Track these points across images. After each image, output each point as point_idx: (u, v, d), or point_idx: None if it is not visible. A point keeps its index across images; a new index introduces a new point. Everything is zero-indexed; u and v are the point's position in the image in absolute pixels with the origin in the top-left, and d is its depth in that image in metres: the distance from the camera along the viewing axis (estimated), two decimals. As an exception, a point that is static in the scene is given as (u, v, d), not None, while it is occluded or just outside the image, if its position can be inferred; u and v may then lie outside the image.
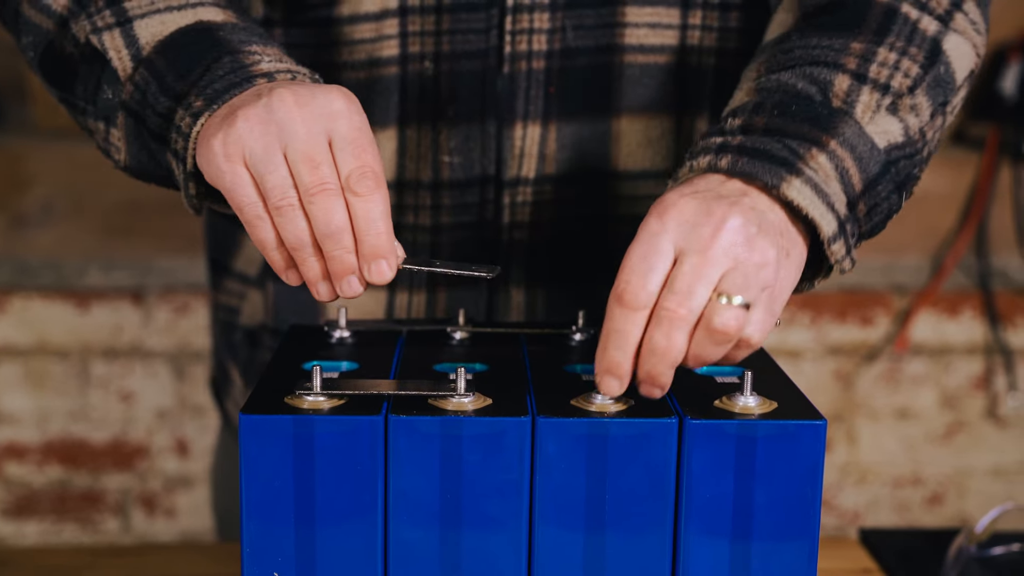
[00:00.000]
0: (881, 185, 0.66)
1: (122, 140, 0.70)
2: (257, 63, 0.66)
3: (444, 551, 0.59)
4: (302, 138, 0.60)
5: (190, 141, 0.65)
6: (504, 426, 0.58)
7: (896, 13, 0.70)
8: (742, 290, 0.58)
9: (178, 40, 0.68)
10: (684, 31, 0.79)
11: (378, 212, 0.60)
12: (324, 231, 0.60)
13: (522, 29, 0.77)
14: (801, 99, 0.66)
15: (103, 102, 0.70)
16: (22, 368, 1.55)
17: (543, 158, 0.79)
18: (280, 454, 0.58)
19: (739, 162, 0.62)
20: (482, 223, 0.80)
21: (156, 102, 0.67)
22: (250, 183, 0.61)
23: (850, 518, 1.72)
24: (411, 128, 0.79)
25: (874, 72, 0.67)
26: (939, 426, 1.71)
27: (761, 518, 0.59)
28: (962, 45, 0.71)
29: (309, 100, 0.61)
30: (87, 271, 1.51)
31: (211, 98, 0.65)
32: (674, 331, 0.57)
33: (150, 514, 1.60)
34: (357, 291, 0.61)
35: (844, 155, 0.64)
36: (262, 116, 0.61)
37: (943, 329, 1.67)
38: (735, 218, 0.59)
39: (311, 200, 0.60)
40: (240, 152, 0.61)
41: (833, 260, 0.64)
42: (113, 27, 0.69)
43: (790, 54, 0.69)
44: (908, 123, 0.67)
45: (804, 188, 0.62)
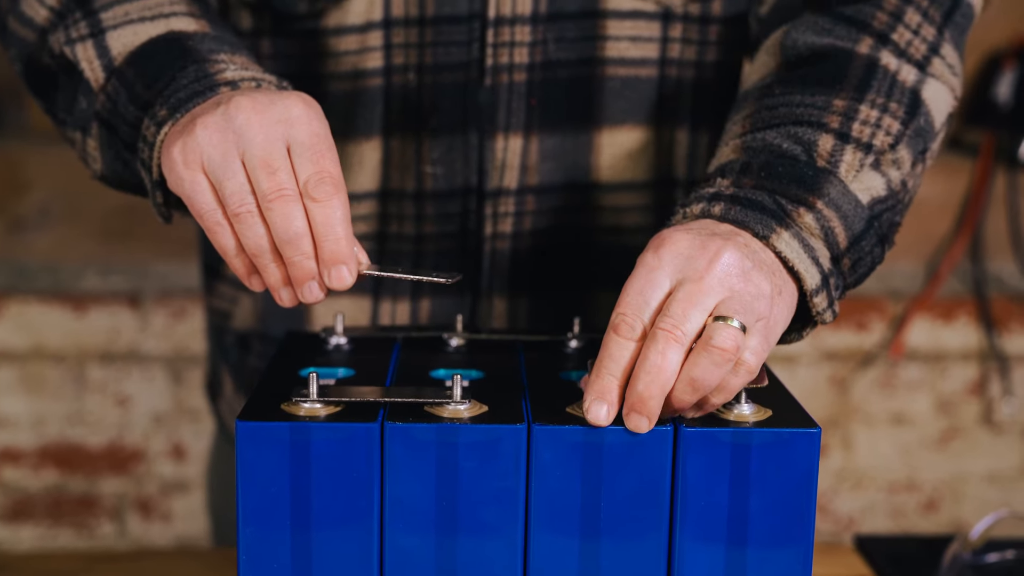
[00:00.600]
0: (865, 240, 0.67)
1: (97, 150, 0.71)
2: (222, 71, 0.67)
3: (440, 558, 0.59)
4: (259, 144, 0.60)
5: (155, 150, 0.65)
6: (500, 433, 0.58)
7: (876, 66, 0.71)
8: (739, 314, 0.58)
9: (148, 50, 0.69)
10: (664, 44, 0.79)
11: (337, 217, 0.60)
12: (283, 237, 0.60)
13: (504, 42, 0.77)
14: (787, 159, 0.67)
15: (79, 112, 0.71)
16: (19, 372, 1.55)
17: (525, 169, 0.80)
18: (276, 461, 0.58)
19: (732, 210, 0.64)
20: (464, 233, 0.80)
21: (126, 111, 0.68)
22: (208, 190, 0.61)
23: (845, 524, 1.72)
24: (395, 139, 0.79)
25: (856, 131, 0.68)
26: (934, 432, 1.71)
27: (756, 525, 0.59)
28: (940, 91, 0.72)
29: (267, 106, 0.61)
30: (84, 275, 1.51)
31: (174, 107, 0.65)
32: (668, 349, 0.57)
33: (146, 519, 1.60)
34: (318, 297, 0.62)
35: (830, 215, 0.65)
36: (220, 123, 0.61)
37: (938, 335, 1.68)
38: (730, 252, 0.60)
39: (269, 206, 0.60)
40: (198, 159, 0.61)
41: (814, 311, 0.64)
42: (86, 38, 0.70)
43: (774, 111, 0.70)
44: (891, 177, 0.68)
45: (792, 241, 0.63)
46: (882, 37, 0.72)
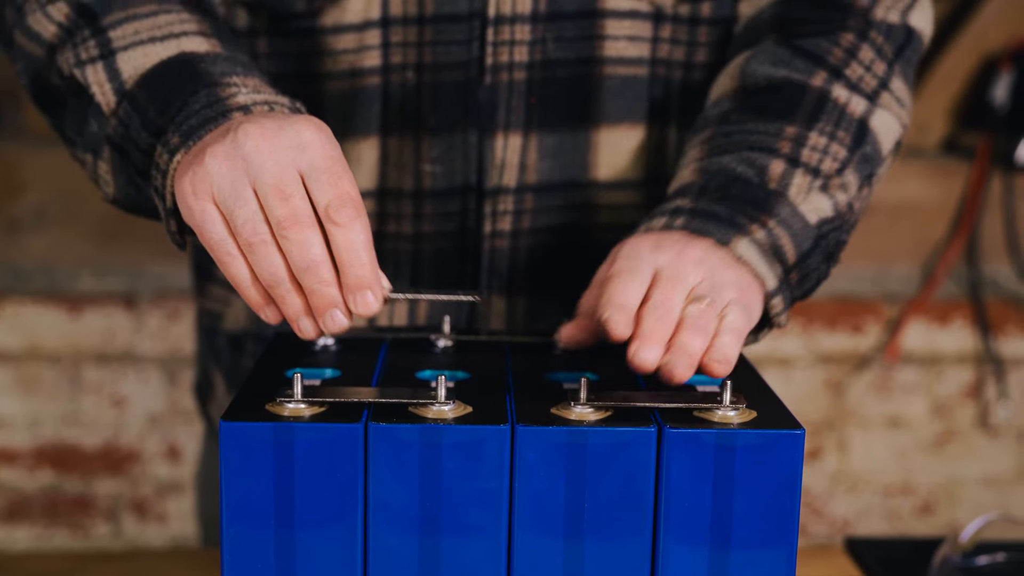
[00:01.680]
0: (812, 258, 0.71)
1: (109, 173, 0.70)
2: (234, 95, 0.65)
3: (424, 559, 0.59)
4: (270, 171, 0.59)
5: (167, 178, 0.64)
6: (484, 434, 0.58)
7: (827, 99, 0.75)
8: (716, 293, 0.64)
9: (160, 73, 0.67)
10: (655, 44, 0.80)
11: (360, 241, 0.59)
12: (301, 265, 0.59)
13: (504, 41, 0.77)
14: (740, 182, 0.71)
15: (89, 135, 0.70)
16: (14, 373, 1.55)
17: (524, 168, 0.80)
18: (260, 461, 0.58)
19: (693, 222, 0.69)
20: (463, 232, 0.81)
21: (138, 137, 0.66)
22: (219, 220, 0.60)
23: (840, 527, 1.72)
24: (393, 137, 0.79)
25: (806, 156, 0.73)
26: (930, 435, 1.71)
27: (740, 527, 0.60)
28: (888, 120, 0.77)
29: (276, 132, 0.60)
30: (80, 276, 1.51)
31: (187, 134, 0.64)
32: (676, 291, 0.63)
33: (141, 519, 1.60)
34: (343, 325, 0.60)
35: (781, 232, 0.70)
36: (229, 151, 0.59)
37: (934, 338, 1.68)
38: (698, 244, 0.66)
39: (284, 234, 0.58)
40: (208, 189, 0.60)
41: (772, 312, 0.69)
42: (96, 60, 0.69)
43: (730, 138, 0.74)
44: (837, 199, 0.73)
45: (751, 247, 0.69)
46: (836, 71, 0.77)
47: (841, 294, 1.64)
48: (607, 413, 0.60)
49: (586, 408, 0.60)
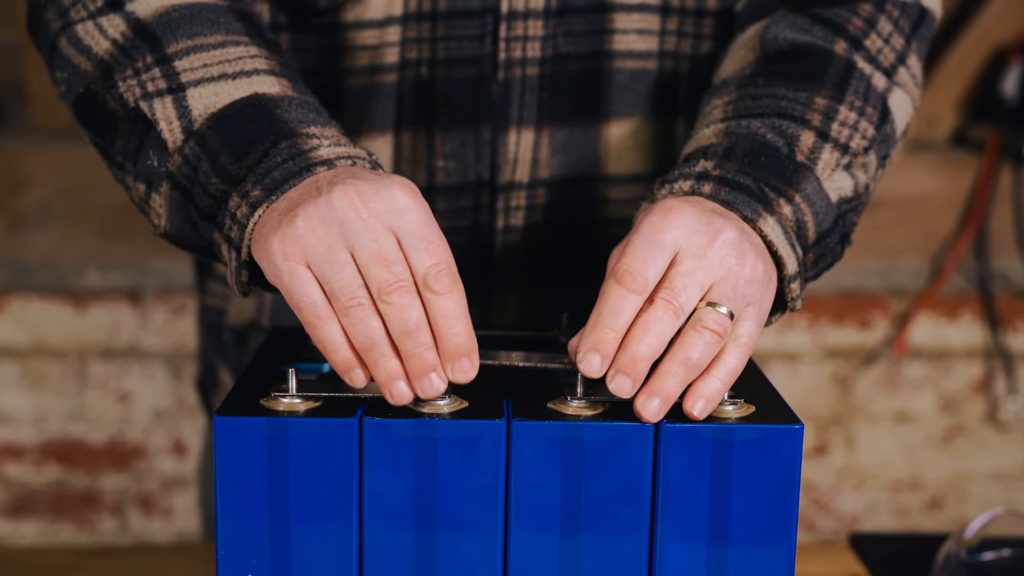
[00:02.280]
0: (830, 237, 0.69)
1: (164, 208, 0.68)
2: (316, 148, 0.64)
3: (419, 554, 0.59)
4: (369, 237, 0.58)
5: (246, 232, 0.62)
6: (479, 429, 0.58)
7: (853, 68, 0.73)
8: (730, 301, 0.60)
9: (232, 116, 0.65)
10: (662, 37, 0.80)
11: (458, 310, 0.58)
12: (402, 329, 0.58)
13: (516, 36, 0.77)
14: (769, 150, 0.68)
15: (145, 167, 0.68)
16: (20, 368, 1.56)
17: (536, 163, 0.80)
18: (254, 456, 0.58)
19: (721, 191, 0.65)
20: (476, 227, 0.81)
21: (207, 182, 0.64)
22: (311, 283, 0.58)
23: (848, 522, 1.71)
24: (407, 133, 0.79)
25: (835, 131, 0.70)
26: (938, 430, 1.70)
27: (738, 522, 0.59)
28: (903, 101, 0.75)
29: (372, 196, 0.59)
30: (85, 272, 1.51)
31: (270, 188, 0.62)
32: (667, 315, 0.58)
33: (147, 514, 1.61)
34: (439, 389, 0.58)
35: (805, 209, 0.67)
36: (323, 214, 0.58)
37: (942, 332, 1.67)
38: (731, 231, 0.61)
39: (387, 299, 0.57)
40: (301, 253, 0.58)
41: (789, 297, 0.66)
42: (165, 94, 0.67)
43: (758, 101, 0.71)
44: (858, 179, 0.71)
45: (776, 227, 0.65)
46: (856, 42, 0.74)
47: (848, 288, 1.63)
48: (604, 408, 0.60)
49: (582, 403, 0.60)
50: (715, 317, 0.59)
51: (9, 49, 1.57)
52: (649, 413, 0.58)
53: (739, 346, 0.60)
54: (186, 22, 0.69)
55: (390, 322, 0.58)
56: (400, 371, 0.58)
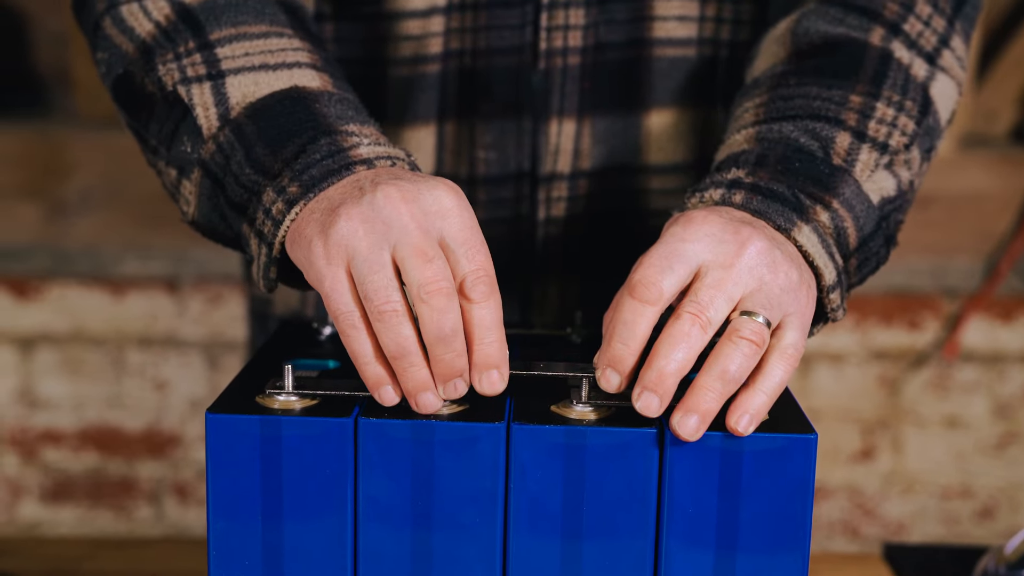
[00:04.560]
0: (873, 241, 0.66)
1: (193, 195, 0.67)
2: (355, 146, 0.62)
3: (416, 557, 0.57)
4: (413, 235, 0.56)
5: (281, 228, 0.61)
6: (477, 432, 0.56)
7: (890, 59, 0.70)
8: (765, 310, 0.57)
9: (271, 107, 0.64)
10: (701, 23, 0.79)
11: (493, 320, 0.57)
12: (437, 334, 0.56)
13: (557, 25, 0.77)
14: (804, 155, 0.66)
15: (179, 152, 0.67)
16: (60, 355, 1.57)
17: (578, 153, 0.79)
18: (247, 455, 0.57)
19: (753, 200, 0.62)
20: (517, 218, 0.80)
21: (240, 171, 0.63)
22: (349, 290, 0.57)
23: (894, 529, 1.66)
24: (449, 123, 0.79)
25: (873, 130, 0.67)
26: (991, 436, 1.65)
27: (747, 534, 0.56)
28: (947, 87, 0.72)
29: (416, 196, 0.57)
30: (124, 260, 1.52)
31: (307, 185, 0.60)
32: (694, 329, 0.56)
33: (183, 502, 1.62)
34: (462, 394, 0.57)
35: (844, 215, 0.64)
36: (367, 214, 0.57)
37: (996, 335, 1.61)
38: (760, 240, 0.59)
39: (425, 298, 0.55)
40: (343, 254, 0.56)
41: (829, 308, 0.63)
42: (204, 79, 0.66)
43: (790, 102, 0.68)
44: (901, 177, 0.68)
45: (812, 235, 0.62)
46: (893, 27, 0.71)
47: (897, 288, 1.58)
48: (609, 412, 0.58)
49: (587, 407, 0.58)
50: (752, 327, 0.56)
51: (55, 37, 1.59)
52: (687, 432, 0.55)
53: (785, 358, 0.57)
54: (231, 10, 0.68)
55: (425, 325, 0.56)
56: (430, 382, 0.57)
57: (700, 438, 0.55)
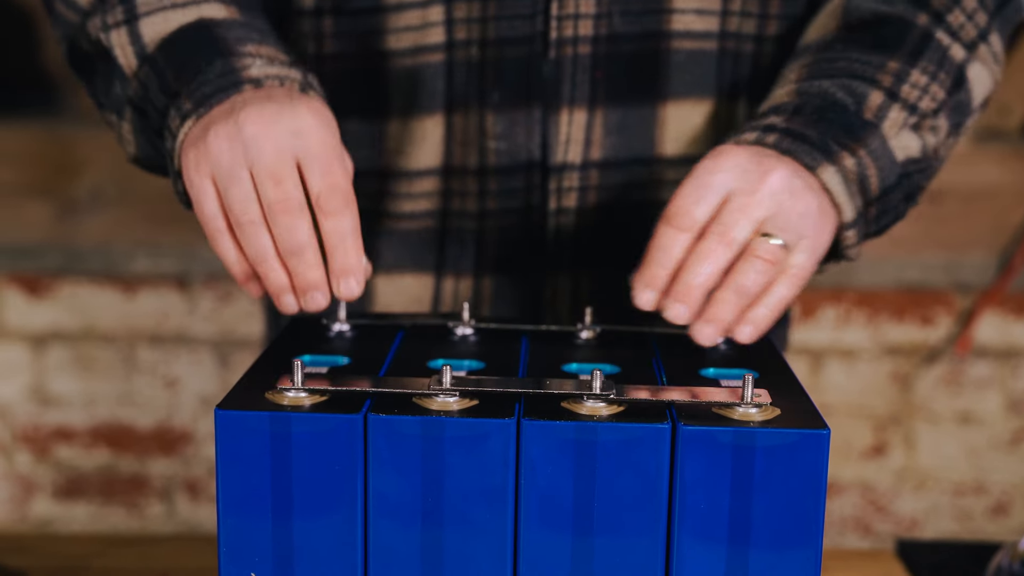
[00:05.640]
0: (893, 194, 0.72)
1: (131, 133, 0.73)
2: (247, 67, 0.68)
3: (426, 554, 0.57)
4: (267, 154, 0.62)
5: (177, 141, 0.67)
6: (487, 428, 0.56)
7: (931, 38, 0.75)
8: (783, 233, 0.64)
9: (178, 38, 0.70)
10: (724, 17, 0.79)
11: (347, 229, 0.62)
12: (287, 248, 0.62)
13: (568, 14, 0.77)
14: (838, 107, 0.71)
15: (114, 96, 0.73)
16: (71, 352, 1.57)
17: (589, 143, 0.79)
18: (257, 451, 0.57)
19: (784, 141, 0.68)
20: (528, 209, 0.80)
21: (156, 99, 0.70)
22: (214, 198, 0.63)
23: (907, 526, 1.66)
24: (458, 114, 0.79)
25: (905, 92, 0.72)
26: (1004, 432, 1.64)
27: (760, 531, 0.56)
28: (982, 73, 0.77)
29: (277, 118, 0.63)
30: (135, 257, 1.52)
31: (199, 101, 0.66)
32: (719, 247, 0.63)
33: (194, 499, 1.62)
34: (321, 305, 0.63)
35: (869, 163, 0.70)
36: (231, 132, 0.63)
37: (1010, 331, 1.60)
38: (783, 169, 0.65)
39: (274, 218, 0.61)
40: (208, 167, 0.63)
41: (844, 244, 0.69)
42: (121, 24, 0.72)
43: (833, 64, 0.74)
44: (926, 141, 0.73)
45: (836, 175, 0.68)
46: (938, 16, 0.76)
47: (910, 283, 1.57)
48: (621, 408, 0.57)
49: (599, 402, 0.57)
50: (767, 247, 0.63)
51: (64, 35, 1.59)
52: (703, 337, 0.63)
53: (789, 276, 0.64)
54: None
55: (278, 240, 0.62)
56: (287, 284, 0.63)
57: (711, 433, 0.55)
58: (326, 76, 0.80)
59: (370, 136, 0.80)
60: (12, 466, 1.61)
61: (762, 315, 0.64)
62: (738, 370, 0.64)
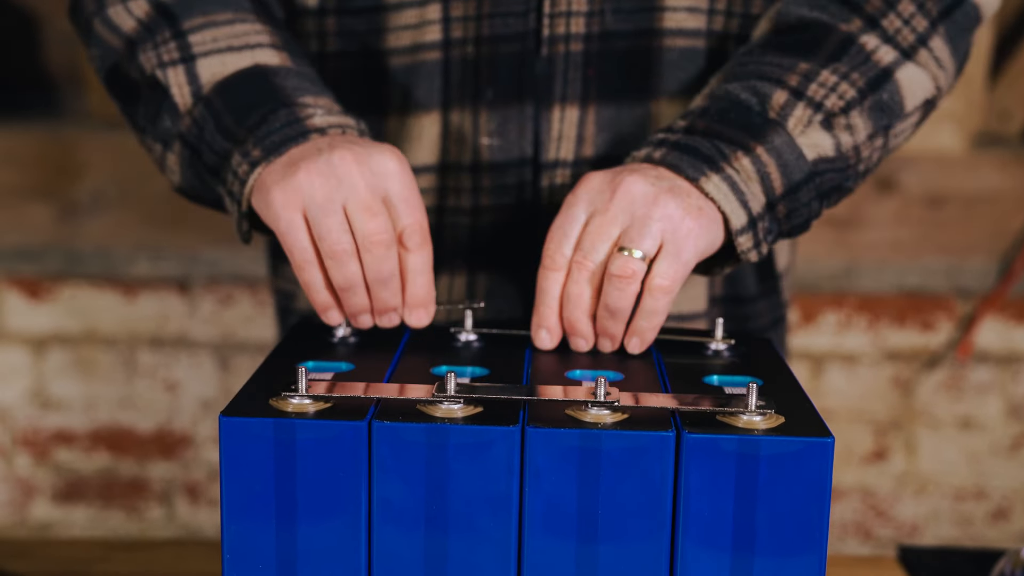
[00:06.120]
0: (803, 192, 0.72)
1: (177, 165, 0.76)
2: (310, 117, 0.72)
3: (430, 562, 0.57)
4: (362, 191, 0.67)
5: (246, 187, 0.70)
6: (492, 435, 0.56)
7: (852, 43, 0.75)
8: (637, 242, 0.66)
9: (236, 82, 0.73)
10: (711, 16, 0.80)
11: (424, 266, 0.69)
12: (376, 277, 0.67)
13: (560, 12, 0.78)
14: (741, 108, 0.73)
15: (162, 128, 0.76)
16: (72, 355, 1.57)
17: (581, 140, 0.79)
18: (261, 458, 0.57)
19: (669, 155, 0.70)
20: (521, 205, 0.81)
21: (213, 140, 0.72)
22: (304, 230, 0.67)
23: (907, 531, 1.66)
24: (454, 111, 0.80)
25: (811, 91, 0.73)
26: (1005, 437, 1.64)
27: (764, 539, 0.56)
28: (919, 77, 0.76)
29: (366, 159, 0.67)
30: (135, 260, 1.52)
31: (269, 149, 0.70)
32: (581, 280, 0.67)
33: (194, 503, 1.61)
34: (395, 323, 0.70)
35: (768, 160, 0.71)
36: (323, 170, 0.67)
37: (1011, 336, 1.60)
38: (633, 179, 0.67)
39: (369, 247, 0.67)
40: (299, 201, 0.67)
41: (739, 250, 0.71)
42: (177, 63, 0.75)
43: (745, 67, 0.75)
44: (841, 140, 0.73)
45: (721, 184, 0.69)
46: (871, 21, 0.76)
47: (911, 288, 1.57)
48: (625, 416, 0.57)
49: (603, 410, 0.57)
50: (619, 263, 0.66)
51: (66, 38, 1.59)
52: (608, 350, 0.69)
53: (653, 288, 0.67)
54: (201, 2, 0.76)
55: (368, 268, 0.67)
56: (368, 307, 0.69)
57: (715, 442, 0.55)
58: (328, 74, 0.81)
59: (371, 134, 0.81)
60: (12, 469, 1.61)
61: (642, 327, 0.67)
62: (742, 377, 0.64)
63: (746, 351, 0.69)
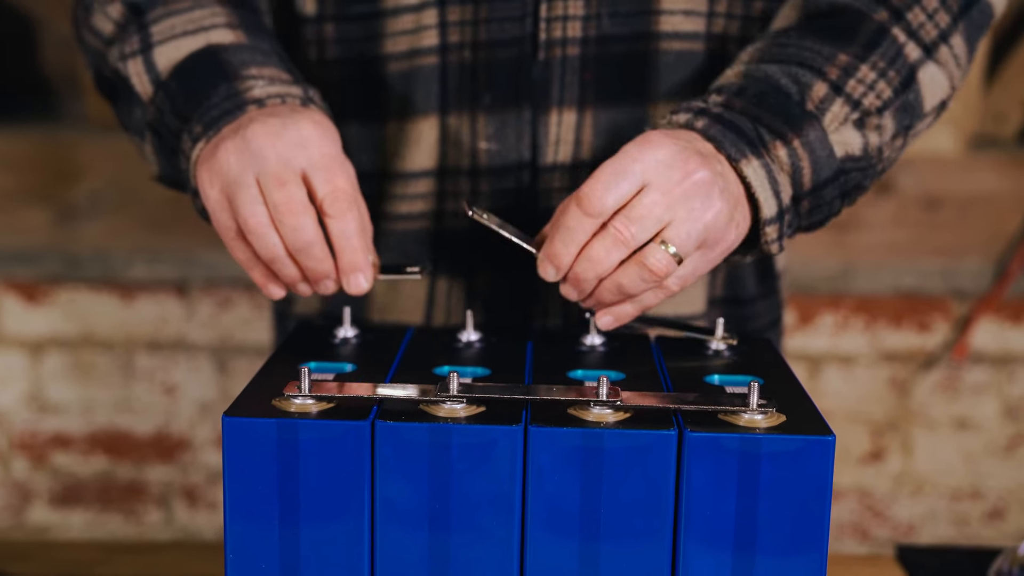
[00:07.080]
0: (828, 189, 0.71)
1: (152, 154, 0.78)
2: (250, 89, 0.72)
3: (433, 561, 0.57)
4: (272, 163, 0.66)
5: (191, 164, 0.71)
6: (495, 435, 0.56)
7: (886, 33, 0.74)
8: (682, 243, 0.64)
9: (188, 64, 0.74)
10: (710, 19, 0.80)
11: (352, 230, 0.67)
12: (295, 246, 0.66)
13: (556, 16, 0.78)
14: (780, 94, 0.71)
15: (135, 121, 0.77)
16: (69, 358, 1.57)
17: (579, 144, 0.80)
18: (264, 458, 0.57)
19: (713, 128, 0.68)
20: (519, 209, 0.81)
21: (171, 123, 0.74)
22: (227, 208, 0.67)
23: (904, 531, 1.66)
24: (452, 116, 0.80)
25: (851, 87, 0.72)
26: (1000, 438, 1.64)
27: (766, 536, 0.56)
28: (938, 77, 0.76)
29: (280, 131, 0.67)
30: (133, 264, 1.52)
31: (208, 125, 0.71)
32: (614, 248, 0.64)
33: (192, 506, 1.61)
34: (332, 290, 0.68)
35: (803, 155, 0.70)
36: (239, 146, 0.67)
37: (1006, 337, 1.61)
38: (704, 172, 0.65)
39: (280, 218, 0.65)
40: (220, 179, 0.67)
41: (764, 240, 0.70)
42: (136, 54, 0.76)
43: (784, 49, 0.74)
44: (869, 140, 0.73)
45: (760, 170, 0.68)
46: (897, 13, 0.75)
47: (907, 290, 1.58)
48: (627, 414, 0.58)
49: (605, 409, 0.58)
50: (658, 257, 0.64)
51: (64, 41, 1.59)
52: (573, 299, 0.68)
53: (665, 287, 0.66)
54: None
55: (286, 239, 0.66)
56: (299, 276, 0.68)
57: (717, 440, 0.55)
58: (328, 81, 0.81)
59: (369, 139, 0.81)
60: (9, 473, 1.61)
61: (626, 312, 0.67)
62: (743, 376, 0.65)
63: (747, 350, 0.70)
